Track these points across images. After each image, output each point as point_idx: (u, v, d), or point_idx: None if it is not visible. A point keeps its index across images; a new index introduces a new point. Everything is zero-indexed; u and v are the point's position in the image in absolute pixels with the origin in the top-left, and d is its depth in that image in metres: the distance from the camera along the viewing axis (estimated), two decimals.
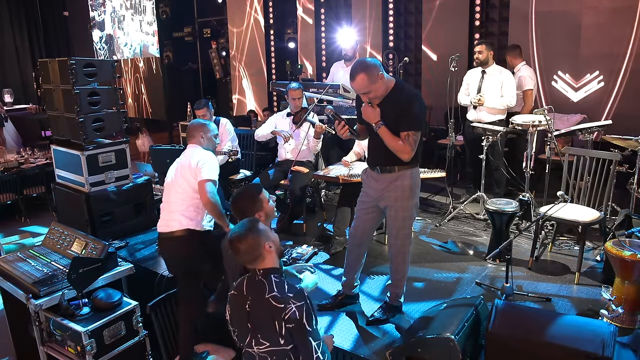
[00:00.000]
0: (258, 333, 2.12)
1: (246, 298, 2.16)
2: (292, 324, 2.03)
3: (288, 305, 2.03)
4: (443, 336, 2.51)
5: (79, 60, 4.37)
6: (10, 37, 11.31)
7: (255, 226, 2.20)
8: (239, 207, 2.67)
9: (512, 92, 4.86)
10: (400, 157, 2.89)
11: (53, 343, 3.19)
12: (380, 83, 2.83)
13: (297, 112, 4.81)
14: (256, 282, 2.15)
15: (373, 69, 2.81)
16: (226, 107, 9.70)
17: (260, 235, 2.17)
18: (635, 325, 2.95)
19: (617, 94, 5.49)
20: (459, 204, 4.95)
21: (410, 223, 3.09)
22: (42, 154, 6.99)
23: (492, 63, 4.93)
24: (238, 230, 2.19)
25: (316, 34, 8.12)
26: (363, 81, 2.80)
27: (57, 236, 3.79)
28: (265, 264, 2.17)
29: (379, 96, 2.88)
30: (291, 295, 2.07)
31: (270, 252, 2.18)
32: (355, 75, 2.81)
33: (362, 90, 2.84)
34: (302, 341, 2.06)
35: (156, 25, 10.32)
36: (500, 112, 4.92)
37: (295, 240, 4.46)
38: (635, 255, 2.93)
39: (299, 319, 2.03)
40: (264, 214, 2.65)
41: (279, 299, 2.06)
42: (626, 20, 5.31)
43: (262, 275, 2.15)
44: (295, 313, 2.02)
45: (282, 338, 2.06)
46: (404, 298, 3.28)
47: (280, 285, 2.11)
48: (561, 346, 2.35)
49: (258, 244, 2.15)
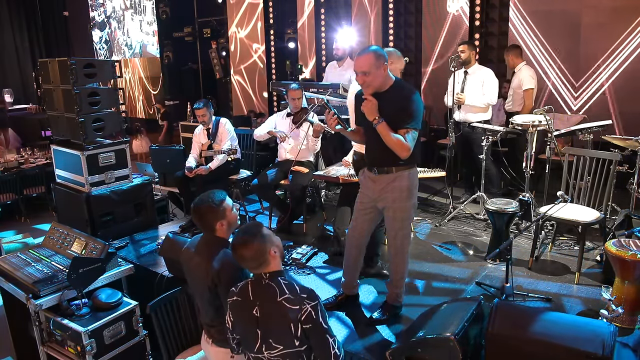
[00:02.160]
0: (270, 338, 2.10)
1: (253, 303, 2.13)
2: (309, 324, 2.03)
3: (303, 306, 2.02)
4: (443, 336, 2.50)
5: (79, 60, 4.37)
6: (10, 37, 11.31)
7: (260, 232, 2.17)
8: (198, 215, 2.51)
9: (492, 90, 4.90)
10: (398, 154, 2.88)
11: (53, 343, 3.19)
12: (381, 72, 2.84)
13: (297, 112, 4.81)
14: (264, 287, 2.13)
15: (382, 57, 2.84)
16: (226, 107, 9.70)
17: (265, 241, 2.14)
18: (635, 325, 2.95)
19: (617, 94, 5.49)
20: (459, 203, 4.95)
21: (408, 223, 3.08)
22: (42, 154, 7.01)
23: (474, 63, 5.01)
24: (243, 237, 2.15)
25: (316, 34, 8.12)
26: (368, 60, 2.80)
27: (57, 236, 3.79)
28: (270, 268, 2.15)
29: (374, 85, 2.87)
30: (305, 295, 2.05)
31: (275, 257, 2.16)
32: (365, 52, 2.82)
33: (363, 69, 2.82)
34: (320, 339, 2.06)
35: (156, 25, 10.33)
36: (482, 110, 4.96)
37: (295, 240, 4.46)
38: (635, 255, 2.92)
39: (315, 318, 2.03)
40: (227, 223, 2.51)
41: (292, 300, 2.04)
42: (626, 20, 5.31)
43: (269, 279, 2.13)
44: (311, 313, 2.02)
45: (297, 339, 2.05)
46: (403, 298, 3.28)
47: (290, 287, 2.10)
48: (561, 346, 2.35)
49: (264, 250, 2.13)
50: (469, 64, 4.98)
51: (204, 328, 2.62)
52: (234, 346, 2.30)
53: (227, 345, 2.46)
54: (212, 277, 2.40)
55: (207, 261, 2.44)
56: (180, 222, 5.02)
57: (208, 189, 2.63)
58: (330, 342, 2.06)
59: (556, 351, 2.35)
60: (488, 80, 4.90)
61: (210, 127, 5.02)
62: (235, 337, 2.27)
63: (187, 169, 4.82)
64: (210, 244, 2.51)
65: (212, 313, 2.50)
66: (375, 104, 2.84)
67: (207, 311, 2.53)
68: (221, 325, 2.46)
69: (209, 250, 2.48)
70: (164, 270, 3.79)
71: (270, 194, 4.70)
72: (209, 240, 2.53)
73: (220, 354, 2.51)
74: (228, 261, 2.39)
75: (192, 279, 2.60)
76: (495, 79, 4.95)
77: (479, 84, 4.91)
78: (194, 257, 2.53)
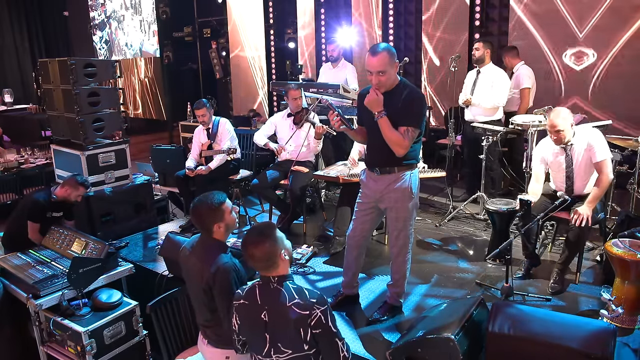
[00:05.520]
0: (278, 342, 2.09)
1: (261, 307, 2.11)
2: (319, 329, 2.02)
3: (313, 311, 2.01)
4: (443, 336, 2.50)
5: (79, 60, 4.38)
6: (10, 37, 11.30)
7: (273, 234, 2.14)
8: (196, 216, 2.50)
9: (501, 93, 4.87)
10: (395, 150, 2.88)
11: (53, 343, 3.19)
12: (394, 70, 2.86)
13: (297, 113, 4.80)
14: (272, 291, 2.11)
15: (394, 55, 2.85)
16: (226, 107, 9.70)
17: (277, 243, 2.12)
18: (635, 325, 2.94)
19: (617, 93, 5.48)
20: (459, 203, 4.94)
21: (410, 223, 3.08)
22: (42, 154, 6.99)
23: (488, 62, 4.96)
24: (256, 236, 2.13)
25: (316, 34, 8.12)
26: (384, 59, 2.80)
27: (57, 236, 3.79)
28: (278, 272, 2.14)
29: (387, 85, 2.87)
30: (314, 300, 2.04)
31: (285, 261, 2.15)
32: (379, 51, 2.81)
33: (379, 68, 2.81)
34: (329, 344, 2.05)
35: (156, 25, 10.32)
36: (490, 111, 4.93)
37: (295, 240, 4.45)
38: (635, 255, 2.93)
39: (325, 323, 2.02)
40: (224, 225, 2.48)
41: (302, 305, 2.02)
42: (626, 20, 5.30)
43: (278, 282, 2.12)
44: (320, 318, 2.01)
45: (307, 344, 2.04)
46: (404, 298, 3.28)
47: (299, 291, 2.08)
48: (561, 346, 2.35)
49: (274, 252, 2.11)
50: (483, 63, 4.94)
51: (200, 328, 2.62)
52: (238, 347, 2.29)
53: (222, 345, 2.45)
54: (206, 279, 2.39)
55: (203, 263, 2.43)
56: (180, 222, 5.02)
57: (208, 189, 2.62)
58: (339, 345, 2.06)
59: (556, 351, 2.35)
60: (498, 81, 4.87)
61: (210, 127, 5.02)
62: (241, 339, 2.26)
63: (187, 169, 4.83)
64: (207, 245, 2.50)
65: (207, 314, 2.49)
66: (381, 98, 2.84)
67: (202, 312, 2.52)
68: (216, 326, 2.46)
69: (205, 252, 2.47)
70: (164, 270, 3.79)
71: (270, 194, 4.70)
72: (206, 241, 2.52)
73: (216, 354, 2.51)
74: (223, 266, 2.37)
75: (188, 279, 2.59)
76: (506, 81, 4.91)
77: (489, 84, 4.88)
78: (191, 257, 2.53)
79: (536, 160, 3.72)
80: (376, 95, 2.84)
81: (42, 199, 3.92)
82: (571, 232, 3.38)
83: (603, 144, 3.44)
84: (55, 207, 3.98)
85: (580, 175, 3.55)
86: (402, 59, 5.90)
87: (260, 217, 5.17)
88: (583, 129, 3.57)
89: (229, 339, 2.34)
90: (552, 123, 3.43)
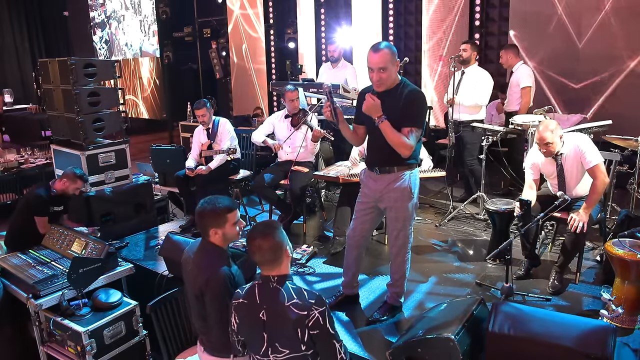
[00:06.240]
0: (276, 342, 2.08)
1: (260, 307, 2.11)
2: (317, 330, 2.01)
3: (311, 312, 2.01)
4: (443, 336, 2.50)
5: (79, 60, 4.38)
6: (10, 37, 11.31)
7: (279, 228, 2.16)
8: (199, 216, 2.43)
9: (483, 92, 4.91)
10: (400, 152, 2.88)
11: (53, 343, 3.19)
12: (395, 68, 2.86)
13: (294, 114, 4.79)
14: (271, 290, 2.11)
15: (395, 52, 2.86)
16: (226, 107, 9.70)
17: (283, 239, 2.14)
18: (635, 325, 2.95)
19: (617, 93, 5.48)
20: (459, 203, 4.95)
21: (410, 223, 3.08)
22: (42, 154, 7.00)
23: (473, 63, 5.02)
24: (263, 229, 2.14)
25: (316, 34, 8.12)
26: (386, 55, 2.80)
27: (57, 236, 3.80)
28: (280, 270, 2.13)
29: (387, 83, 2.87)
30: (313, 301, 2.03)
31: (288, 257, 2.15)
32: (381, 48, 2.81)
33: (381, 64, 2.81)
34: (326, 345, 2.05)
35: (156, 25, 10.33)
36: (473, 110, 4.96)
37: (295, 240, 4.45)
38: (635, 255, 2.93)
39: (323, 324, 2.02)
40: (222, 234, 2.38)
41: (300, 306, 2.02)
42: (626, 20, 5.30)
43: (277, 282, 2.11)
44: (319, 319, 2.00)
45: (304, 344, 2.03)
46: (404, 298, 3.28)
47: (298, 291, 2.08)
48: (561, 346, 2.35)
49: (280, 247, 2.11)
50: (468, 64, 4.99)
51: (197, 335, 2.60)
52: (239, 348, 2.27)
53: (216, 353, 2.42)
54: (199, 285, 2.34)
55: (198, 268, 2.39)
56: (180, 222, 5.02)
57: (208, 189, 2.61)
58: (337, 347, 2.06)
59: (556, 351, 2.35)
60: (481, 81, 4.92)
61: (210, 127, 5.02)
62: (240, 339, 2.26)
63: (187, 169, 4.82)
64: (205, 250, 2.44)
65: (199, 321, 2.46)
66: (378, 102, 2.83)
67: (197, 318, 2.48)
68: (209, 334, 2.43)
69: (202, 257, 2.42)
70: (164, 270, 3.79)
71: (270, 194, 4.70)
72: (205, 246, 2.46)
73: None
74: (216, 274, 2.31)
75: (186, 283, 2.55)
76: (488, 81, 4.95)
77: (472, 84, 4.93)
78: (189, 261, 2.50)
79: (527, 169, 3.73)
80: (372, 101, 2.83)
81: (44, 194, 3.92)
82: (567, 238, 3.39)
83: (592, 149, 3.43)
84: (56, 201, 3.98)
85: (574, 180, 3.56)
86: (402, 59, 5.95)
87: (260, 217, 5.17)
88: (570, 136, 3.57)
89: (223, 347, 2.32)
90: (541, 136, 3.41)
